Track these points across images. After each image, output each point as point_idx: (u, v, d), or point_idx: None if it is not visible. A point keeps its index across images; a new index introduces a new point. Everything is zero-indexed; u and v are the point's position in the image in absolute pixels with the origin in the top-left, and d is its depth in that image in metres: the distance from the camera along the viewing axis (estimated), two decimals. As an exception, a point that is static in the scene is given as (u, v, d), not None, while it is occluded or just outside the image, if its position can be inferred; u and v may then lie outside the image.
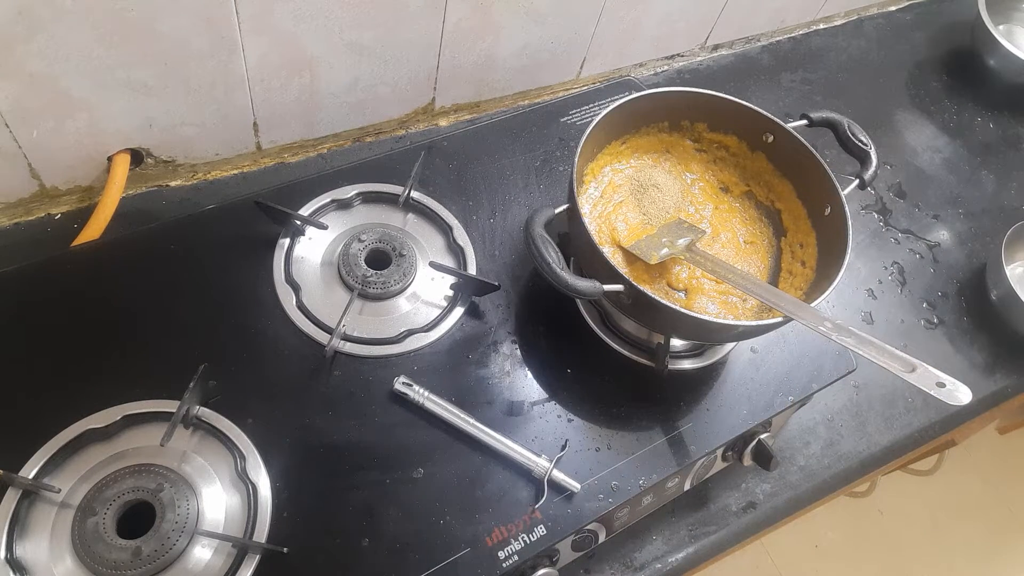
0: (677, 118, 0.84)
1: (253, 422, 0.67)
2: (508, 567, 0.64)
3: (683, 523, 0.79)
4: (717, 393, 0.79)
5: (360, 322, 0.76)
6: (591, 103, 1.00)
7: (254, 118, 0.90)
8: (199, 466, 0.65)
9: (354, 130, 1.00)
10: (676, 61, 1.24)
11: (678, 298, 0.75)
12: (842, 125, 0.82)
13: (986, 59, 1.29)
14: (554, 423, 0.73)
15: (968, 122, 1.28)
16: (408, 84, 0.97)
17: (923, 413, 0.93)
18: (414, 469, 0.68)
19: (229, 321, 0.74)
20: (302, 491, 0.65)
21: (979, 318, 1.02)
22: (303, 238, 0.81)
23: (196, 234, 0.79)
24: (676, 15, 1.13)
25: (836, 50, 1.33)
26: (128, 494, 0.61)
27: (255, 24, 0.78)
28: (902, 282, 1.04)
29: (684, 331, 0.74)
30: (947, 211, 1.14)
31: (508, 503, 0.67)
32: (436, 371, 0.74)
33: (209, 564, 0.61)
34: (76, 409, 0.64)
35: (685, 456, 0.73)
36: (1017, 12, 1.38)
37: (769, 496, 0.85)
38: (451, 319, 0.78)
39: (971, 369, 0.98)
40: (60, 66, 0.72)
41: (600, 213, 0.79)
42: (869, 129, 0.84)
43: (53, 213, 0.86)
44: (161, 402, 0.66)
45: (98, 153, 0.83)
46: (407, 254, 0.79)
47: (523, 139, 0.95)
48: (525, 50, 1.03)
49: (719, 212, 0.82)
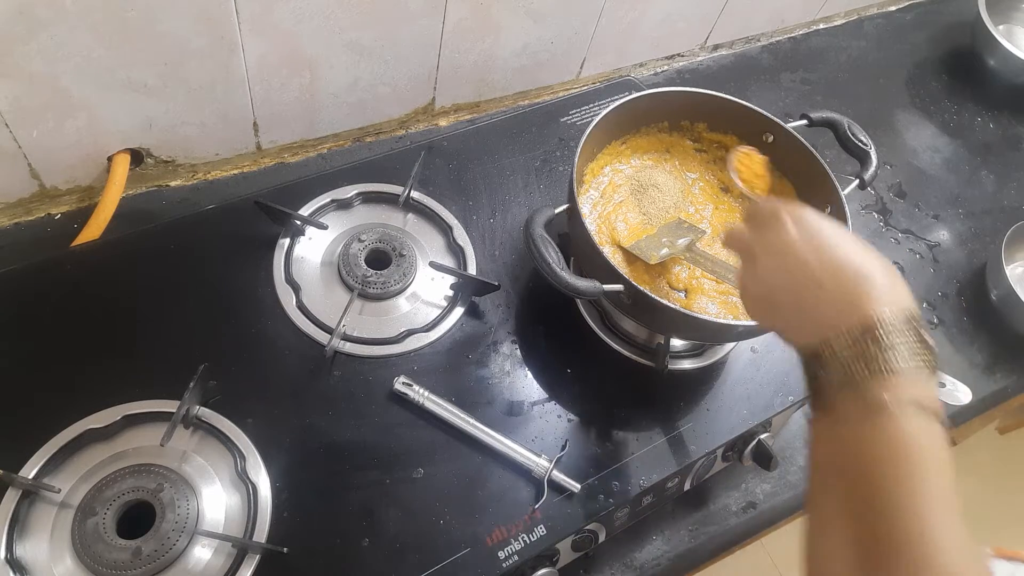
0: (677, 118, 0.84)
1: (253, 422, 0.67)
2: (508, 567, 0.64)
3: (683, 523, 0.79)
4: (717, 393, 0.79)
5: (360, 322, 0.76)
6: (591, 103, 1.00)
7: (254, 118, 0.90)
8: (199, 466, 0.64)
9: (354, 130, 1.00)
10: (676, 61, 1.24)
11: (678, 298, 0.75)
12: (842, 125, 0.82)
13: (986, 59, 1.29)
14: (554, 423, 0.73)
15: (968, 122, 1.28)
16: (408, 84, 0.97)
17: (923, 413, 0.93)
18: (414, 469, 0.68)
19: (229, 321, 0.74)
20: (302, 491, 0.65)
21: (979, 318, 1.02)
22: (303, 238, 0.81)
23: (196, 234, 0.79)
24: (676, 15, 1.13)
25: (836, 50, 1.33)
26: (128, 494, 0.61)
27: (255, 24, 0.78)
28: (902, 282, 1.04)
29: (684, 331, 0.74)
30: (947, 211, 1.14)
31: (508, 503, 0.67)
32: (436, 371, 0.74)
33: (209, 564, 0.60)
34: (76, 409, 0.64)
35: (685, 456, 0.73)
36: (1017, 12, 1.38)
37: (769, 496, 0.85)
38: (451, 319, 0.78)
39: (971, 369, 0.98)
40: (60, 66, 0.72)
41: (600, 213, 0.79)
42: (869, 129, 0.84)
43: (53, 213, 0.86)
44: (161, 402, 0.66)
45: (98, 153, 0.83)
46: (407, 254, 0.79)
47: (523, 139, 0.95)
48: (525, 50, 1.03)
49: (719, 212, 0.82)
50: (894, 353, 0.39)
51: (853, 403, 0.39)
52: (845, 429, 0.40)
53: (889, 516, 0.35)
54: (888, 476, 0.37)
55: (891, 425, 0.38)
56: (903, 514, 0.35)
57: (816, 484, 0.41)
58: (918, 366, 0.40)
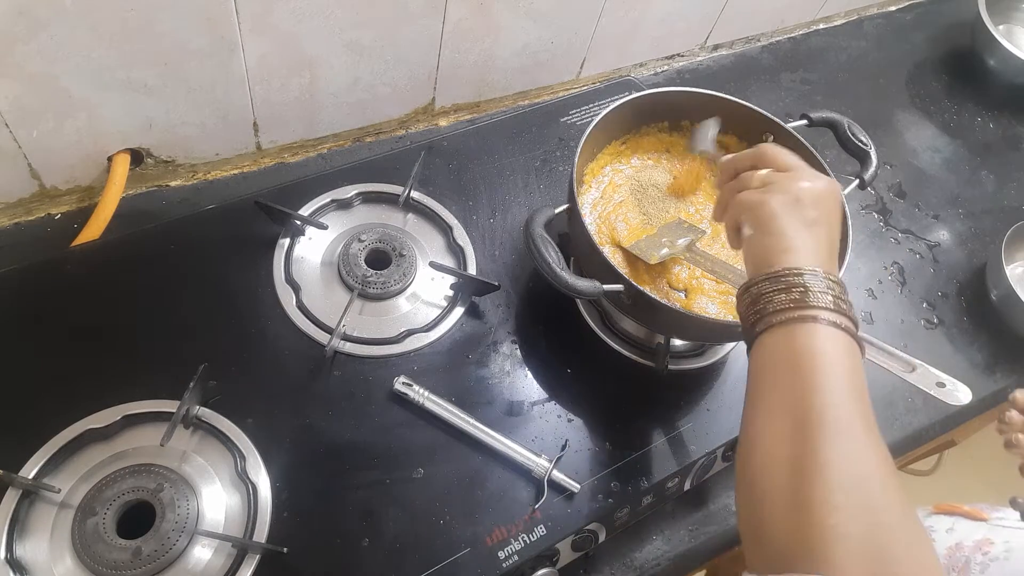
0: (677, 118, 0.84)
1: (253, 422, 0.67)
2: (508, 567, 0.64)
3: (683, 523, 0.79)
4: (717, 393, 0.79)
5: (360, 322, 0.76)
6: (591, 103, 1.00)
7: (254, 118, 0.89)
8: (199, 466, 0.65)
9: (354, 130, 1.00)
10: (676, 61, 1.24)
11: (678, 298, 0.75)
12: (842, 125, 0.82)
13: (986, 59, 1.29)
14: (554, 423, 0.73)
15: (968, 122, 1.27)
16: (408, 84, 0.97)
17: (923, 413, 0.93)
18: (414, 469, 0.68)
19: (229, 321, 0.74)
20: (302, 491, 0.65)
21: (979, 318, 1.02)
22: (303, 238, 0.81)
23: (196, 234, 0.79)
24: (676, 15, 1.13)
25: (836, 50, 1.33)
26: (128, 494, 0.61)
27: (255, 24, 0.78)
28: (902, 282, 1.04)
29: (684, 331, 0.74)
30: (947, 211, 1.14)
31: (508, 503, 0.67)
32: (436, 371, 0.74)
33: (209, 564, 0.61)
34: (76, 409, 0.64)
35: (685, 456, 0.73)
36: (1017, 12, 1.38)
37: (769, 496, 0.85)
38: (451, 319, 0.78)
39: (971, 369, 0.98)
40: (60, 66, 0.72)
41: (600, 213, 0.79)
42: (869, 129, 0.84)
43: (53, 213, 0.86)
44: (161, 402, 0.66)
45: (98, 153, 0.83)
46: (407, 254, 0.79)
47: (523, 139, 0.95)
48: (525, 50, 1.03)
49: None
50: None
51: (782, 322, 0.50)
52: (777, 335, 0.50)
53: (808, 394, 0.46)
54: (806, 365, 0.48)
55: (811, 329, 0.49)
56: (817, 392, 0.46)
57: (754, 382, 0.51)
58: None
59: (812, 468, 0.43)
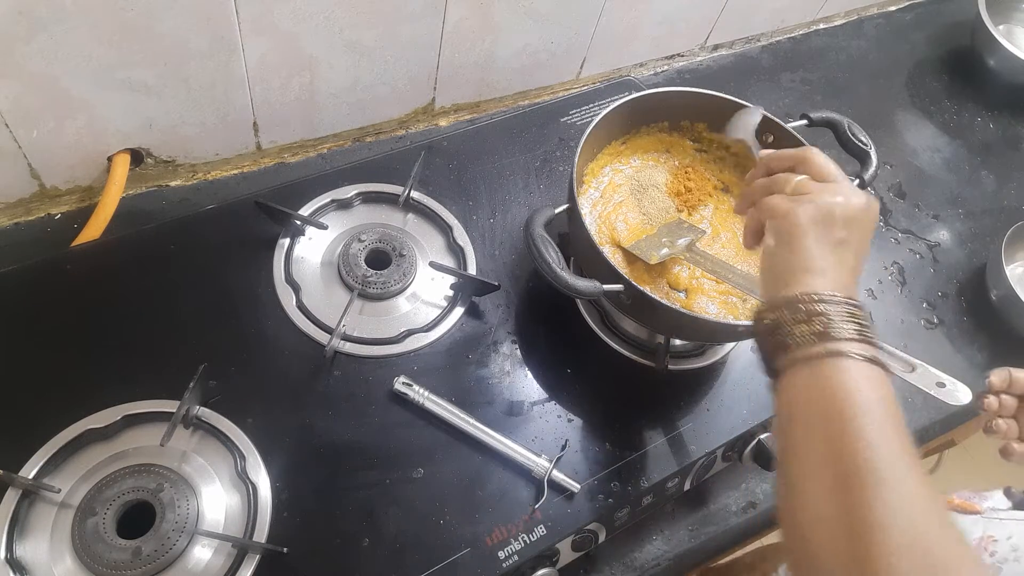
0: (677, 118, 0.84)
1: (253, 422, 0.67)
2: (508, 567, 0.64)
3: (683, 523, 0.79)
4: (717, 393, 0.79)
5: (360, 322, 0.76)
6: (591, 103, 1.00)
7: (254, 118, 0.89)
8: (199, 466, 0.65)
9: (354, 130, 1.00)
10: (676, 61, 1.24)
11: (678, 298, 0.75)
12: (842, 125, 0.82)
13: (986, 59, 1.29)
14: (554, 423, 0.73)
15: (968, 122, 1.27)
16: (408, 84, 0.97)
17: (923, 413, 0.93)
18: (414, 469, 0.68)
19: (229, 321, 0.74)
20: (302, 491, 0.65)
21: (979, 318, 1.02)
22: (303, 238, 0.81)
23: (196, 234, 0.79)
24: (676, 15, 1.13)
25: (836, 50, 1.33)
26: (128, 494, 0.61)
27: (255, 24, 0.78)
28: (902, 282, 1.04)
29: (684, 331, 0.74)
30: (947, 211, 1.14)
31: (508, 503, 0.67)
32: (436, 371, 0.74)
33: (209, 564, 0.61)
34: (76, 409, 0.64)
35: (685, 456, 0.73)
36: (1017, 12, 1.38)
37: (769, 496, 0.85)
38: (451, 319, 0.78)
39: (971, 369, 0.98)
40: (60, 66, 0.72)
41: (600, 213, 0.79)
42: (869, 129, 0.84)
43: (53, 213, 0.86)
44: (161, 402, 0.66)
45: (98, 153, 0.83)
46: (407, 254, 0.79)
47: (523, 139, 0.95)
48: (525, 50, 1.03)
49: (719, 212, 0.82)
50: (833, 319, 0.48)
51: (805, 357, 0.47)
52: (804, 375, 0.47)
53: (848, 441, 0.43)
54: (840, 409, 0.45)
55: (840, 366, 0.46)
56: (856, 438, 0.43)
57: (786, 427, 0.48)
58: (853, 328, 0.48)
59: (867, 531, 0.41)
